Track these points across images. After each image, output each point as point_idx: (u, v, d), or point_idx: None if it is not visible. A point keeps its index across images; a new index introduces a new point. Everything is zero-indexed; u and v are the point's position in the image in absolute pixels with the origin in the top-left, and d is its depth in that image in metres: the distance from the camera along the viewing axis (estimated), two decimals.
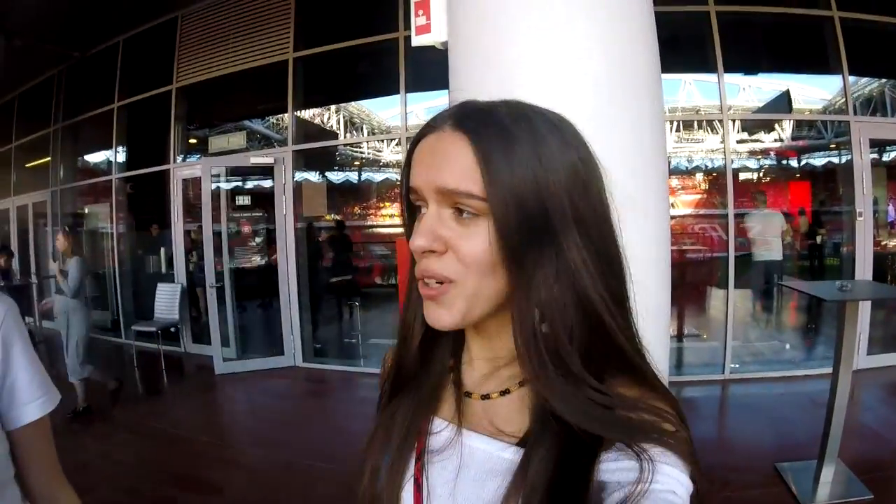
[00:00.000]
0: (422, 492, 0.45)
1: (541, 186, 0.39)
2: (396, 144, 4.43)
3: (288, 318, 4.50)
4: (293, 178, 4.42)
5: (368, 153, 4.82)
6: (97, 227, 6.99)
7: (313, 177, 4.84)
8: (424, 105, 4.24)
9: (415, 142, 0.45)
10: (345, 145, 4.86)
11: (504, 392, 0.45)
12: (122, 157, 6.16)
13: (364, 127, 4.69)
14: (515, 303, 0.40)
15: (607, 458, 0.38)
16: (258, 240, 4.89)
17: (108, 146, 6.20)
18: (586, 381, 0.39)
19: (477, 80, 1.50)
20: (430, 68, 1.88)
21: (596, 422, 0.38)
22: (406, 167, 0.45)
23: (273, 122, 5.00)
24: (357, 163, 4.90)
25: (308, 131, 4.83)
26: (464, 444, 0.45)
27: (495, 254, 0.40)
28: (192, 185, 5.20)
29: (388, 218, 4.52)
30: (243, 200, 4.86)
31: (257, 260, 4.97)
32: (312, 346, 4.73)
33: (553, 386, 0.39)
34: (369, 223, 4.89)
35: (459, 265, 0.40)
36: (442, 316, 0.42)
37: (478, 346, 0.48)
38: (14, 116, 7.76)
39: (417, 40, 2.68)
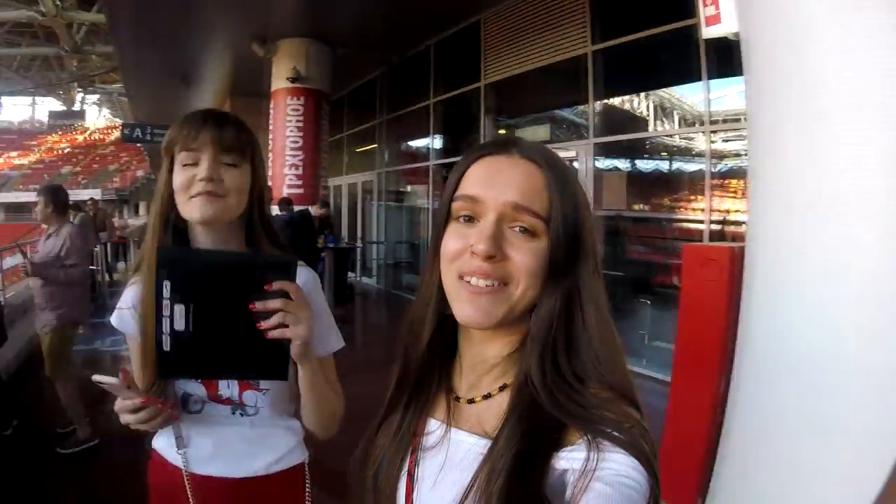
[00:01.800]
0: (413, 482, 0.70)
1: (578, 216, 0.64)
2: (715, 133, 5.12)
3: None
4: (594, 168, 6.08)
5: (679, 142, 5.75)
6: (415, 204, 10.43)
7: (623, 164, 6.23)
8: (738, 88, 5.16)
9: (475, 158, 0.68)
10: (646, 138, 6.00)
11: (486, 396, 0.68)
12: (437, 144, 9.14)
13: (675, 113, 5.73)
14: (542, 311, 0.64)
15: (566, 450, 0.57)
16: None
17: (425, 136, 9.23)
18: (569, 382, 0.61)
19: (774, 74, 1.87)
20: (737, 51, 2.20)
21: (567, 413, 0.58)
22: (458, 178, 0.69)
23: (579, 110, 6.73)
24: (665, 152, 5.95)
25: (615, 119, 6.25)
26: (451, 440, 0.69)
27: (542, 267, 0.63)
28: None
29: (699, 212, 5.25)
30: None
31: None
32: None
33: (544, 381, 0.61)
34: (676, 217, 5.73)
35: (514, 272, 0.63)
36: (488, 314, 0.64)
37: (470, 352, 0.72)
38: (345, 110, 11.88)
39: (707, 31, 3.64)
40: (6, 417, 4.16)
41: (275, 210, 6.64)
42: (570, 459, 0.57)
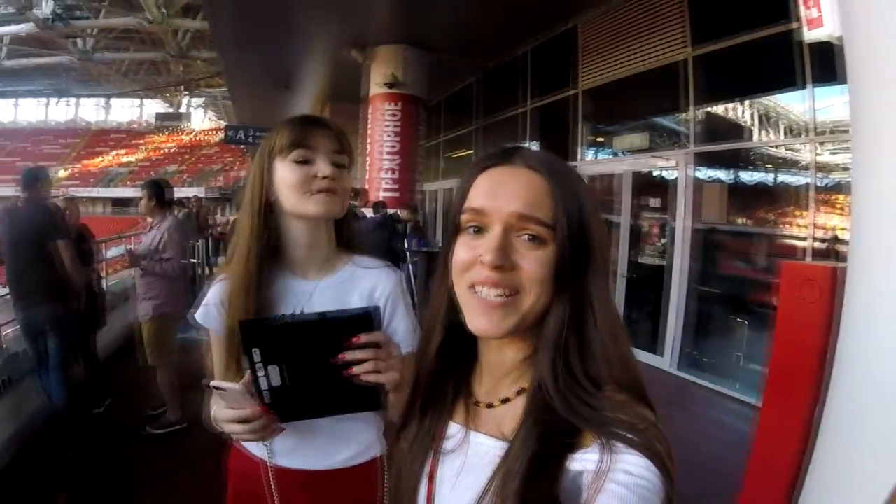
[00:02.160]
0: (433, 484, 0.77)
1: (584, 220, 0.69)
2: (822, 145, 5.09)
3: (672, 321, 6.21)
4: (693, 179, 6.17)
5: (780, 152, 5.67)
6: None
7: (724, 175, 6.26)
8: (846, 97, 5.10)
9: (479, 170, 0.74)
10: (748, 149, 5.97)
11: (505, 400, 0.74)
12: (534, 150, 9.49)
13: (780, 122, 5.69)
14: (553, 317, 0.69)
15: (581, 452, 0.62)
16: (661, 241, 6.89)
17: (521, 141, 9.61)
18: (582, 386, 0.65)
19: (877, 80, 1.87)
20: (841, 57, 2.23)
21: (580, 417, 0.63)
22: (464, 191, 0.74)
23: (677, 117, 6.83)
24: (766, 163, 5.82)
25: (716, 127, 6.32)
26: (470, 443, 0.75)
27: (551, 274, 0.68)
28: (596, 180, 7.81)
29: (802, 228, 5.19)
30: (653, 202, 6.93)
31: (656, 260, 6.78)
32: (689, 355, 6.13)
33: (557, 386, 0.66)
34: (779, 233, 5.64)
35: (523, 281, 0.68)
36: (500, 324, 0.69)
37: (488, 358, 0.78)
38: (441, 116, 12.53)
39: (809, 35, 3.65)
40: (99, 396, 4.61)
41: (368, 212, 7.18)
42: (584, 461, 0.61)
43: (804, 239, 5.19)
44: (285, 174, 1.22)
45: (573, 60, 7.90)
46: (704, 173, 6.35)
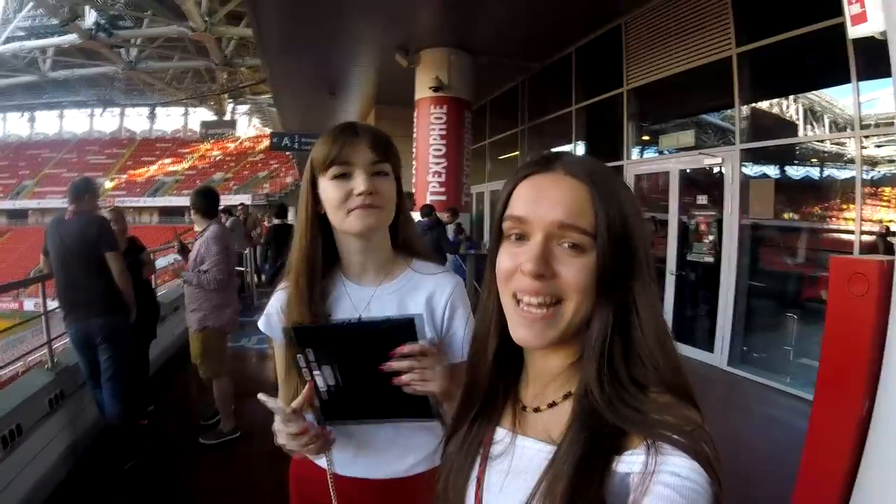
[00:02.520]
0: (481, 488, 0.80)
1: (628, 228, 0.71)
2: (867, 138, 5.20)
3: (723, 318, 6.33)
4: (740, 176, 6.35)
5: (826, 147, 5.82)
6: None
7: (771, 171, 6.48)
8: (890, 91, 5.25)
9: (521, 177, 0.77)
10: (795, 144, 6.15)
11: (552, 404, 0.77)
12: (580, 151, 9.77)
13: (825, 116, 5.82)
14: (597, 323, 0.72)
15: (628, 454, 0.64)
16: (710, 237, 6.97)
17: (568, 142, 9.87)
18: (628, 390, 0.68)
19: None
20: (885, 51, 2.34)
21: (626, 420, 0.66)
22: (506, 198, 0.78)
23: (724, 115, 7.00)
24: (812, 158, 5.99)
25: (759, 124, 6.52)
26: (517, 447, 0.78)
27: (593, 282, 0.70)
28: (644, 179, 8.10)
29: (850, 222, 5.29)
30: (701, 199, 7.10)
31: (706, 256, 6.86)
32: (741, 351, 6.37)
33: (603, 391, 0.68)
34: (827, 227, 5.80)
35: (565, 288, 0.71)
36: (535, 336, 0.73)
37: (535, 364, 0.82)
38: (487, 118, 12.95)
39: (853, 31, 3.64)
40: (144, 406, 4.70)
41: (416, 216, 7.48)
42: (631, 463, 0.64)
43: (851, 233, 5.35)
44: (326, 190, 1.25)
45: (619, 60, 8.20)
46: (752, 169, 6.55)
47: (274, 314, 1.36)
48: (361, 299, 1.34)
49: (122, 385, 3.98)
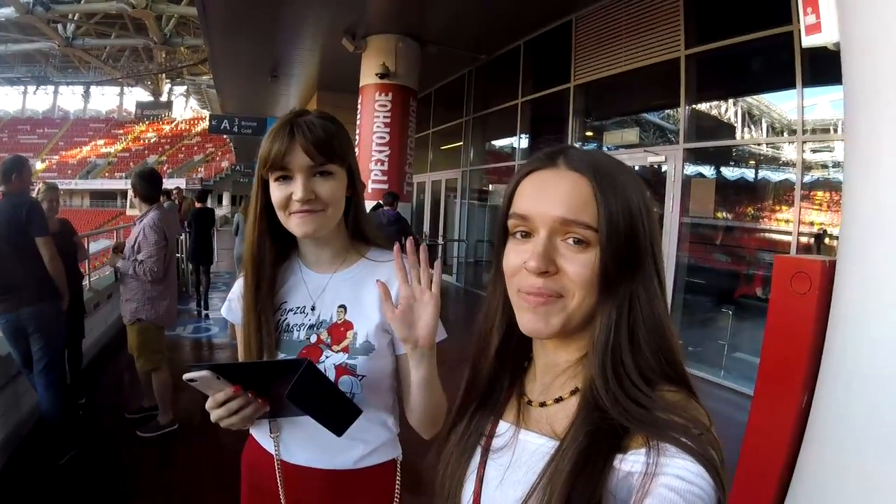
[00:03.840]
0: (482, 483, 0.79)
1: (633, 222, 0.70)
2: (805, 143, 5.34)
3: None
4: (682, 174, 6.40)
5: (767, 150, 5.93)
6: (498, 203, 11.07)
7: (708, 171, 6.55)
8: (829, 97, 5.38)
9: (525, 174, 0.77)
10: (736, 146, 6.24)
11: (558, 399, 0.76)
12: (524, 143, 9.74)
13: (763, 120, 5.92)
14: (602, 317, 0.71)
15: (632, 453, 0.62)
16: None
17: (512, 135, 9.85)
18: (635, 385, 0.67)
19: (875, 85, 1.97)
20: (832, 60, 2.38)
21: (632, 418, 0.64)
22: (510, 195, 0.78)
23: (668, 114, 7.10)
24: (753, 160, 6.09)
25: (703, 125, 6.59)
26: (519, 440, 0.77)
27: (596, 276, 0.69)
28: None
29: (782, 223, 5.44)
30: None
31: None
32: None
33: (608, 386, 0.67)
34: (764, 227, 5.93)
35: (568, 284, 0.70)
36: (547, 324, 0.72)
37: (543, 358, 0.81)
38: (432, 107, 12.75)
39: (807, 41, 3.77)
40: (76, 398, 4.51)
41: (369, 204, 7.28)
42: (634, 462, 0.62)
43: (789, 233, 5.46)
44: (272, 189, 1.24)
45: (567, 55, 8.15)
46: (693, 169, 6.62)
47: (234, 300, 1.39)
48: (317, 286, 1.34)
49: (55, 376, 3.74)
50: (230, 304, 1.40)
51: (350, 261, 1.36)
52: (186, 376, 1.04)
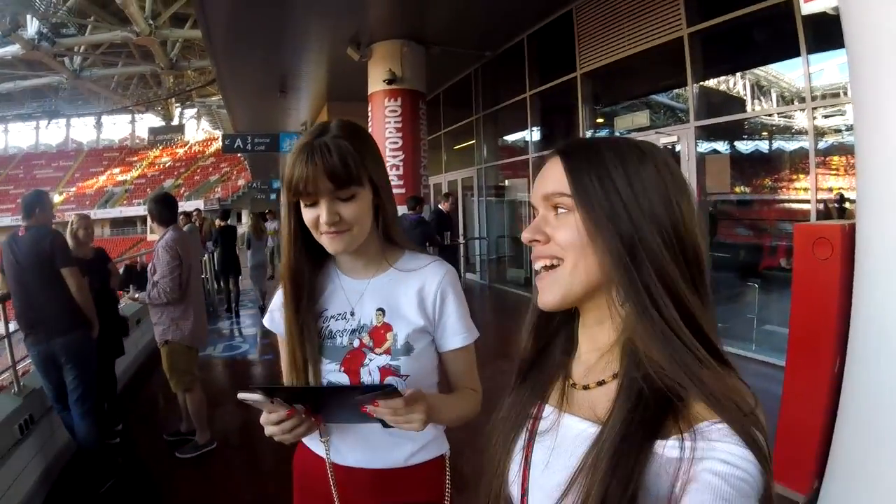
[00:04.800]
0: (529, 465, 0.82)
1: (605, 184, 0.74)
2: (816, 110, 5.32)
3: None
4: (696, 152, 6.43)
5: (778, 120, 5.93)
6: (515, 198, 11.15)
7: (721, 147, 6.58)
8: (836, 61, 5.41)
9: (538, 170, 0.83)
10: (747, 119, 6.24)
11: (601, 383, 0.78)
12: (536, 136, 9.82)
13: (772, 90, 5.94)
14: (612, 268, 0.73)
15: (673, 438, 0.63)
16: None
17: (524, 129, 9.91)
18: (682, 332, 0.67)
19: (876, 47, 2.02)
20: (834, 24, 2.42)
21: (683, 371, 0.65)
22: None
23: (677, 94, 7.13)
24: (766, 132, 6.10)
25: (713, 100, 6.61)
26: (563, 424, 0.79)
27: (584, 236, 0.74)
28: None
29: (800, 192, 5.42)
30: None
31: None
32: None
33: (665, 341, 0.67)
34: (779, 197, 5.97)
35: (558, 248, 0.76)
36: (546, 296, 0.78)
37: (584, 340, 0.84)
38: (441, 108, 12.87)
39: (807, 7, 3.88)
40: (113, 425, 4.52)
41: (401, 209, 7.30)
42: (675, 448, 0.62)
43: (807, 202, 5.46)
44: (303, 212, 1.27)
45: (571, 45, 8.21)
46: (706, 146, 6.64)
47: (276, 311, 1.41)
48: (355, 292, 1.38)
49: (90, 404, 3.77)
50: (272, 315, 1.43)
51: (384, 266, 1.39)
52: (241, 396, 1.07)
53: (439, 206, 8.76)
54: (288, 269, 1.33)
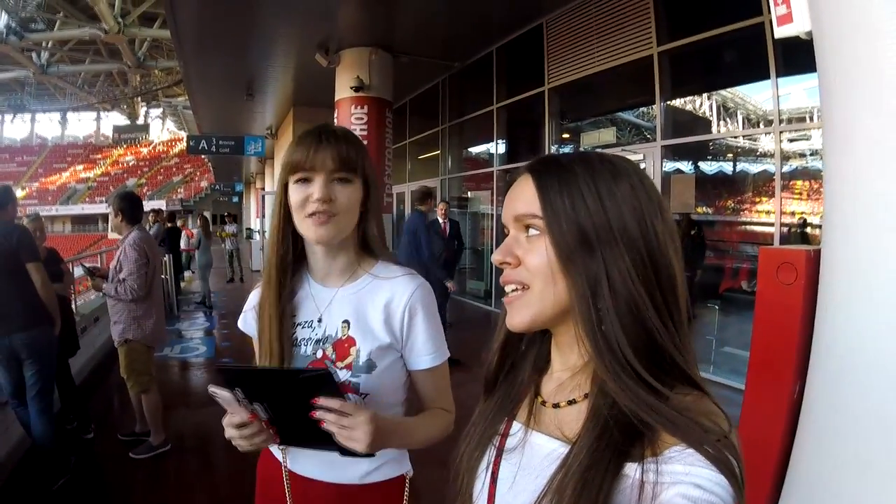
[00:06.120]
0: (495, 483, 0.79)
1: (576, 203, 0.69)
2: (782, 133, 5.26)
3: None
4: (662, 170, 6.32)
5: (744, 142, 5.89)
6: (478, 210, 10.96)
7: (686, 167, 6.48)
8: (804, 85, 5.41)
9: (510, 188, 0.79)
10: (713, 140, 6.18)
11: (571, 402, 0.75)
12: (501, 149, 9.64)
13: (738, 112, 5.89)
14: (575, 303, 0.69)
15: (646, 460, 0.60)
16: None
17: (489, 141, 9.73)
18: (642, 377, 0.64)
19: (848, 73, 1.98)
20: (805, 48, 2.37)
21: (636, 405, 0.62)
22: None
23: (644, 112, 7.03)
24: (731, 153, 6.05)
25: (679, 120, 6.53)
26: (530, 442, 0.77)
27: (553, 263, 0.70)
28: None
29: (763, 215, 5.36)
30: None
31: None
32: None
33: (619, 379, 0.64)
34: (742, 220, 5.92)
35: (528, 273, 0.72)
36: (514, 318, 0.75)
37: (556, 358, 0.81)
38: (407, 117, 12.61)
39: (780, 31, 3.76)
40: (86, 421, 4.46)
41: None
42: (647, 471, 0.60)
43: (771, 225, 5.38)
44: (291, 193, 1.24)
45: (540, 59, 8.07)
46: (672, 165, 6.56)
47: (249, 312, 1.39)
48: (324, 300, 1.33)
49: (48, 401, 3.69)
50: (245, 317, 1.41)
51: (356, 275, 1.35)
52: (211, 389, 1.06)
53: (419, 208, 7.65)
54: (275, 262, 1.30)
